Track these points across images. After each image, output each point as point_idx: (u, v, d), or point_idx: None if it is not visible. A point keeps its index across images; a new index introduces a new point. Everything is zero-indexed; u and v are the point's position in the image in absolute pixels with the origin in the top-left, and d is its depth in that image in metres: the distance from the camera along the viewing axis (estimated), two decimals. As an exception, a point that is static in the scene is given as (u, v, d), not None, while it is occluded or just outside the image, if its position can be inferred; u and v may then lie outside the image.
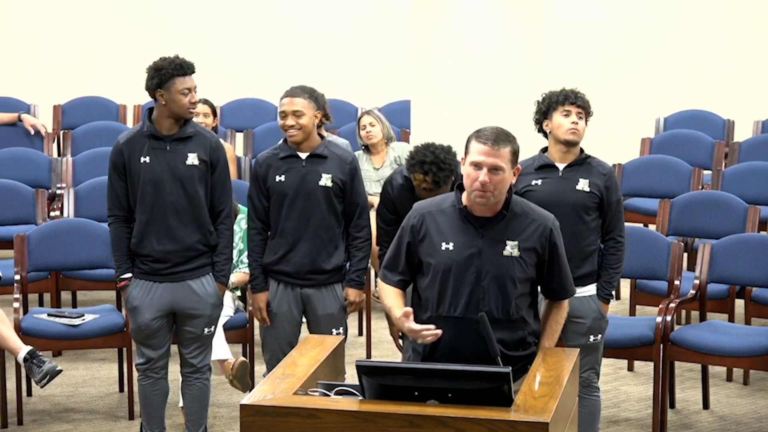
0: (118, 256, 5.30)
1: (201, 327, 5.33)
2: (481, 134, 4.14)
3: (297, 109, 5.29)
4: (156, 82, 5.16)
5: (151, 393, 5.41)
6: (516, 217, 4.21)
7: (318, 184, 5.32)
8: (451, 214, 4.23)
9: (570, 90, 5.18)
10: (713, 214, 7.13)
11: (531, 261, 4.20)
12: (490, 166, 4.09)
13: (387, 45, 11.18)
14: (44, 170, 8.28)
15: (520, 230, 4.19)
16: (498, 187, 4.10)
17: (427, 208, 4.29)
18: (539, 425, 3.59)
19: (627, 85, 11.38)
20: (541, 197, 5.03)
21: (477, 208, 4.18)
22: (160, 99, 5.17)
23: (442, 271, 4.18)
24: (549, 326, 4.34)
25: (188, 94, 5.16)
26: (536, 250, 4.20)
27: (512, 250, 4.17)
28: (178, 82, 5.14)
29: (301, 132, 5.30)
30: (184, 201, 5.21)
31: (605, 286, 5.19)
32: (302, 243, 5.33)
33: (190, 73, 5.18)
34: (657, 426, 5.89)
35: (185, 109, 5.18)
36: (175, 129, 5.22)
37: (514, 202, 4.23)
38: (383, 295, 4.35)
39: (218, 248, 5.31)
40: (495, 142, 4.10)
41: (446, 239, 4.20)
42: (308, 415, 3.72)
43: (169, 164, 5.19)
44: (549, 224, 4.23)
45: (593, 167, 5.16)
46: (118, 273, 5.31)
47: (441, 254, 4.19)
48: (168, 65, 5.16)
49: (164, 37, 10.66)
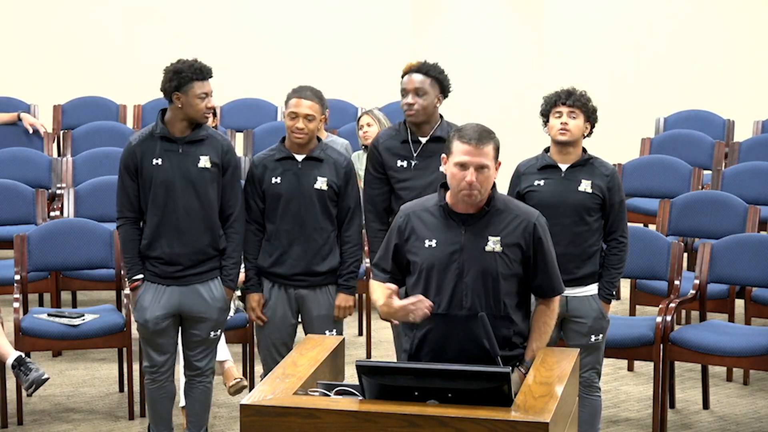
0: (129, 258, 5.29)
1: (207, 330, 5.33)
2: (464, 134, 4.15)
3: (309, 113, 5.28)
4: (174, 85, 5.14)
5: (159, 397, 5.41)
6: (498, 212, 4.22)
7: (313, 187, 5.32)
8: (435, 212, 4.26)
9: (563, 90, 5.16)
10: (713, 214, 7.13)
11: (515, 257, 4.20)
12: (476, 165, 4.11)
13: (387, 45, 11.18)
14: (44, 170, 8.28)
15: (503, 226, 4.20)
16: (484, 184, 4.14)
17: (413, 208, 4.33)
18: (539, 425, 3.59)
19: (627, 84, 11.39)
20: (543, 198, 5.03)
21: (460, 205, 4.20)
22: (176, 101, 5.15)
23: (426, 269, 4.21)
24: (537, 327, 4.31)
25: (205, 98, 5.15)
26: (520, 245, 4.20)
27: (494, 245, 4.18)
28: (196, 86, 5.13)
29: (308, 135, 5.30)
30: (195, 204, 5.20)
31: (607, 286, 5.18)
32: (297, 245, 5.33)
33: (208, 78, 5.17)
34: (657, 426, 5.89)
35: (201, 114, 5.17)
36: (187, 132, 5.21)
37: (496, 198, 4.24)
38: (371, 290, 4.38)
39: (227, 252, 5.30)
40: (479, 141, 4.12)
41: (430, 237, 4.22)
42: (308, 415, 3.72)
43: (181, 167, 5.18)
44: (533, 220, 4.23)
45: (596, 168, 5.15)
46: (130, 274, 5.30)
47: (424, 252, 4.22)
48: (188, 69, 5.14)
49: (165, 38, 10.66)
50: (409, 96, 5.30)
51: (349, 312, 5.46)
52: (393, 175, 5.38)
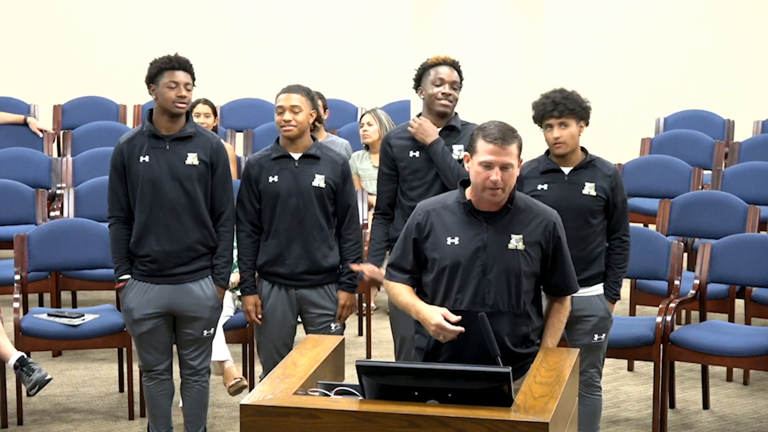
0: (117, 257, 5.29)
1: (200, 329, 5.32)
2: (488, 133, 4.15)
3: (294, 104, 5.30)
4: (148, 77, 5.19)
5: (157, 394, 5.41)
6: (520, 211, 4.23)
7: (311, 185, 5.32)
8: (456, 210, 4.25)
9: (549, 100, 5.07)
10: (713, 214, 7.13)
11: (536, 255, 4.22)
12: (501, 164, 4.12)
13: (387, 45, 11.19)
14: (44, 170, 8.28)
15: (525, 224, 4.22)
16: (508, 183, 4.15)
17: (432, 205, 4.32)
18: (539, 425, 3.59)
19: (627, 85, 11.39)
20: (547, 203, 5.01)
21: (482, 202, 4.20)
22: (152, 93, 5.19)
23: (449, 266, 4.20)
24: (552, 324, 4.35)
25: (175, 87, 5.13)
26: (540, 244, 4.23)
27: (517, 243, 4.20)
28: (166, 75, 5.13)
29: (297, 128, 5.30)
30: (183, 201, 5.19)
31: (612, 285, 5.19)
32: (295, 244, 5.32)
33: (179, 68, 5.16)
34: (657, 426, 5.89)
35: (171, 103, 5.14)
36: (174, 128, 5.22)
37: (518, 196, 4.25)
38: (395, 293, 4.33)
39: (218, 251, 5.29)
40: (503, 141, 4.13)
41: (452, 234, 4.22)
42: (308, 415, 3.72)
43: (168, 163, 5.18)
44: (552, 219, 4.27)
45: (598, 169, 5.14)
46: (117, 275, 5.31)
47: (446, 249, 4.21)
48: (160, 60, 5.19)
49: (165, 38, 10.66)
50: (446, 86, 5.33)
51: (352, 310, 5.47)
52: (404, 167, 5.39)
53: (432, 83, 5.35)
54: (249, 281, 5.43)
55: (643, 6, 11.54)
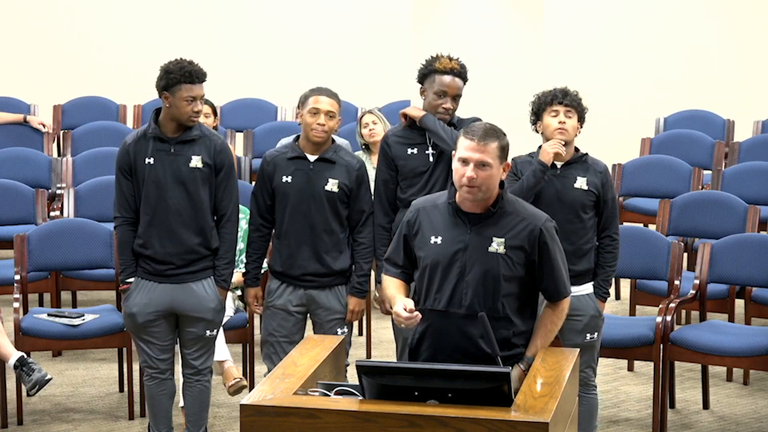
0: (123, 259, 5.29)
1: (202, 329, 5.31)
2: (469, 130, 4.19)
3: (330, 110, 5.30)
4: (163, 84, 5.13)
5: (158, 394, 5.41)
6: (506, 214, 4.23)
7: (324, 189, 5.30)
8: (444, 210, 4.28)
9: (559, 89, 5.17)
10: (713, 214, 7.13)
11: (518, 260, 4.20)
12: (477, 161, 4.13)
13: (387, 45, 11.19)
14: (44, 170, 8.28)
15: (509, 228, 4.21)
16: (485, 182, 4.14)
17: (423, 203, 4.36)
18: (539, 425, 3.59)
19: (627, 85, 11.39)
20: (539, 196, 5.05)
21: (466, 203, 4.22)
22: (165, 101, 5.15)
23: (430, 265, 4.23)
24: (543, 326, 4.31)
25: (192, 102, 5.12)
26: (524, 248, 4.20)
27: (498, 246, 4.19)
28: (184, 89, 5.09)
29: (328, 134, 5.31)
30: (186, 203, 5.19)
31: (602, 284, 5.20)
32: (306, 246, 5.31)
33: (198, 82, 5.12)
34: (657, 426, 5.88)
35: (187, 117, 5.14)
36: (179, 132, 5.20)
37: (506, 200, 4.25)
38: (384, 285, 4.39)
39: (220, 252, 5.29)
40: (482, 138, 4.14)
41: (436, 233, 4.25)
42: (308, 415, 3.72)
43: (172, 166, 5.17)
44: (539, 224, 4.22)
45: (589, 165, 5.17)
46: (122, 276, 5.31)
47: (430, 248, 4.24)
48: (178, 70, 5.11)
49: (165, 38, 10.67)
50: (449, 101, 5.38)
51: (360, 315, 5.47)
52: (403, 164, 5.40)
53: (435, 93, 5.37)
54: (252, 273, 5.44)
55: (643, 6, 11.55)
